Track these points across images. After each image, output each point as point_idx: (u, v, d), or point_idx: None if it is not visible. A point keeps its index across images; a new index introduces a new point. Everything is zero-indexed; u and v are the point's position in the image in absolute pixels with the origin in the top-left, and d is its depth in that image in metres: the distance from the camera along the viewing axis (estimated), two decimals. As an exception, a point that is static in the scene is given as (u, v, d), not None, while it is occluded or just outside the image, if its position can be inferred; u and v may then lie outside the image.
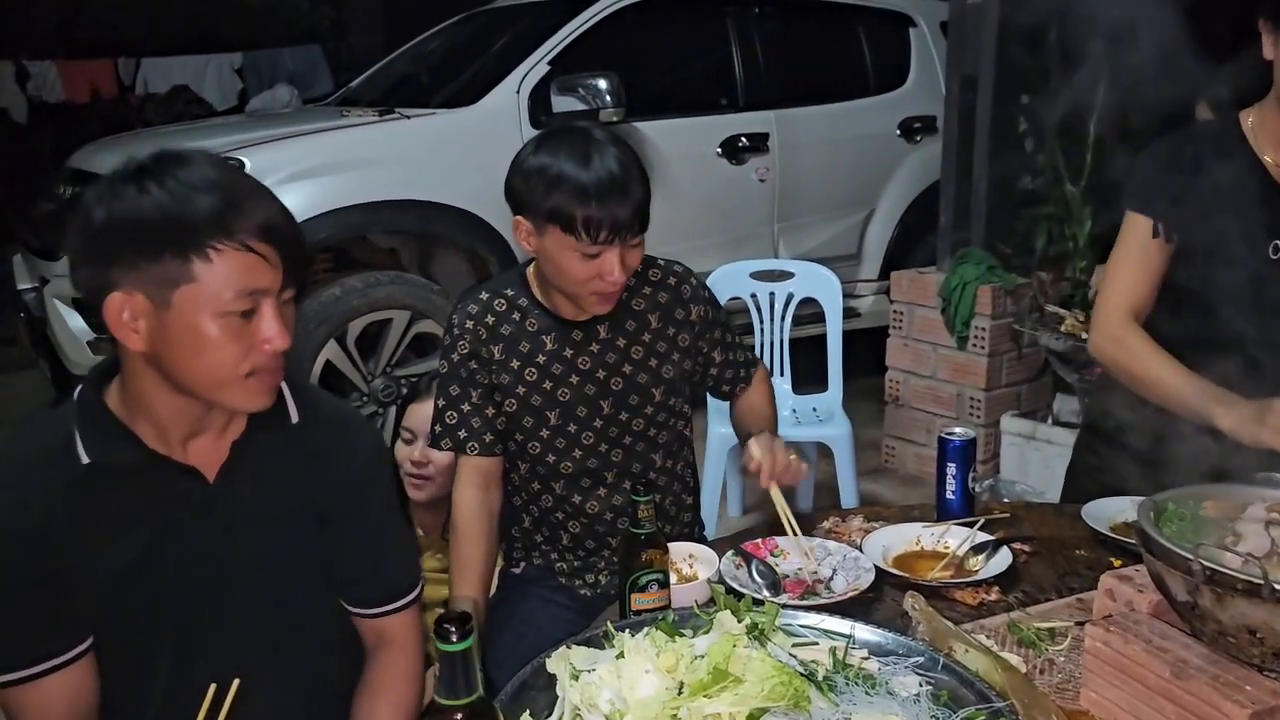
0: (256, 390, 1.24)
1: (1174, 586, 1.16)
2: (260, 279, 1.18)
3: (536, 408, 1.82)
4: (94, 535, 1.24)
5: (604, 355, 1.83)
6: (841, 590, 1.56)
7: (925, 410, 4.13)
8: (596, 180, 1.62)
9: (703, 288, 1.93)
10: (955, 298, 3.88)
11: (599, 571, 1.92)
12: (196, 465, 1.29)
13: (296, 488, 1.36)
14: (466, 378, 1.82)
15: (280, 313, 1.21)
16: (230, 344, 1.19)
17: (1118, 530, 1.71)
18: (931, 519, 1.81)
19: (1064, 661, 1.36)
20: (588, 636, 1.25)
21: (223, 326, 1.18)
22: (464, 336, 1.82)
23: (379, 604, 1.43)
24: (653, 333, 1.86)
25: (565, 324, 1.81)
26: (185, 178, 1.17)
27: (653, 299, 1.86)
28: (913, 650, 1.24)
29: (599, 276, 1.68)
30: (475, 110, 4.05)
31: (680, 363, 1.88)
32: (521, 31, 4.52)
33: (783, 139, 4.64)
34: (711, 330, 1.93)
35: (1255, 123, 1.78)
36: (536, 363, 1.82)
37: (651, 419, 1.87)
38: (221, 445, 1.31)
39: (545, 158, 1.67)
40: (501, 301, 1.83)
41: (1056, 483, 3.63)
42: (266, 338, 1.20)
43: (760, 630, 1.20)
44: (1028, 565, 1.65)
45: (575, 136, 1.69)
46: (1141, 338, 1.81)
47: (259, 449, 1.33)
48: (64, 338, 3.91)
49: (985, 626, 1.45)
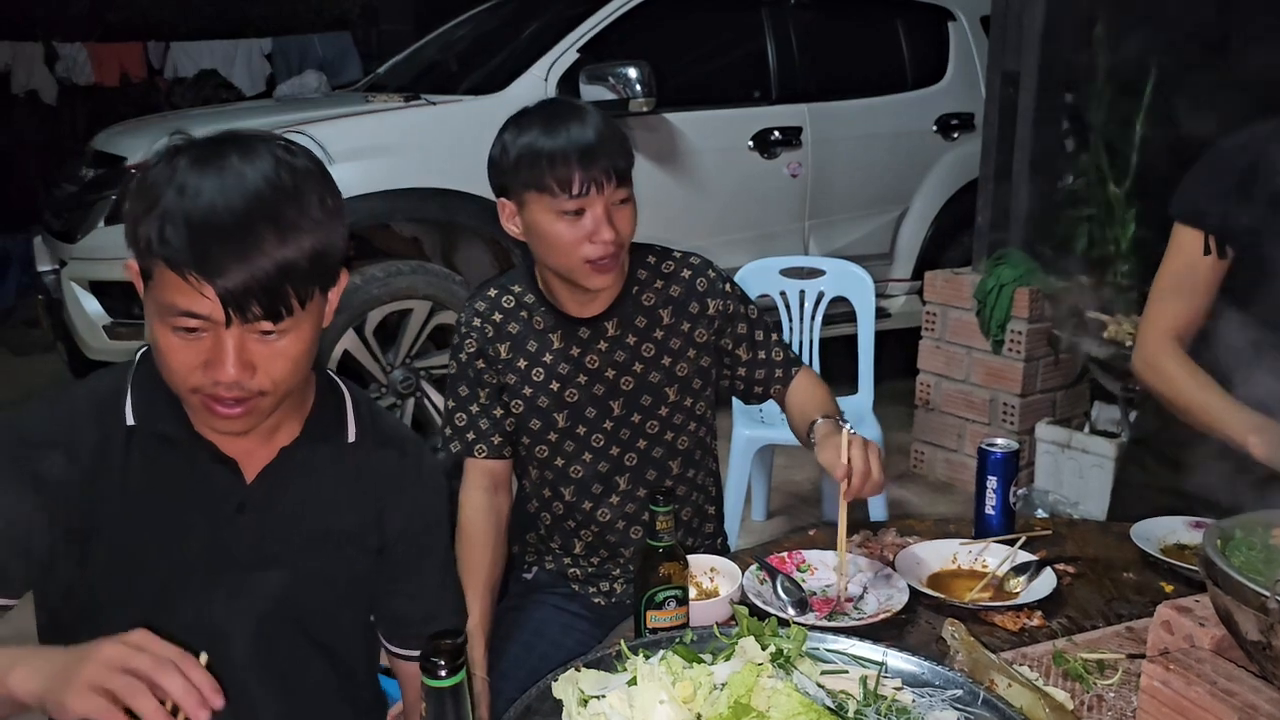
0: (207, 412, 1.15)
1: (1244, 624, 1.06)
2: (188, 303, 1.08)
3: (544, 409, 1.74)
4: (130, 498, 1.20)
5: (612, 353, 1.74)
6: (873, 611, 1.46)
7: (957, 415, 4.01)
8: (562, 132, 1.59)
9: (722, 280, 1.80)
10: (991, 300, 3.77)
11: (613, 579, 1.83)
12: (238, 459, 1.24)
13: (341, 508, 1.30)
14: (474, 377, 1.75)
15: (242, 344, 1.11)
16: (176, 356, 1.11)
17: (1168, 552, 1.61)
18: (967, 534, 1.71)
19: (1114, 699, 1.26)
20: (599, 657, 1.16)
21: (169, 337, 1.11)
22: (472, 334, 1.75)
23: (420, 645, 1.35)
24: (665, 329, 1.76)
25: (571, 321, 1.73)
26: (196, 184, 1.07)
27: (664, 293, 1.76)
28: (950, 682, 1.15)
29: (589, 239, 1.60)
30: (502, 97, 3.96)
31: (697, 360, 1.78)
32: (551, 19, 4.44)
33: (816, 133, 4.54)
34: (734, 325, 1.79)
35: None
36: (543, 362, 1.73)
37: (667, 421, 1.77)
38: (270, 447, 1.26)
39: (512, 130, 1.65)
40: (510, 298, 1.75)
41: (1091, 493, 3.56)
42: (212, 364, 1.11)
43: (786, 658, 1.11)
44: (1072, 588, 1.55)
45: (540, 106, 1.68)
46: (1178, 362, 1.72)
47: (307, 458, 1.27)
48: (80, 321, 3.85)
49: (1028, 656, 1.35)
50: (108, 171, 3.97)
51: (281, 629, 1.28)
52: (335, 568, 1.30)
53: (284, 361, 1.14)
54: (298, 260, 1.09)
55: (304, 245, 1.10)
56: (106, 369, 1.28)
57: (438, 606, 1.38)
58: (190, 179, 1.07)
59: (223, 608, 1.25)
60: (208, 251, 1.05)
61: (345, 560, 1.31)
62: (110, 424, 1.22)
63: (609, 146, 1.60)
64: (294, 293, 1.10)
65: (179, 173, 1.08)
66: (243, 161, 1.09)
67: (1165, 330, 1.75)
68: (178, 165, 1.09)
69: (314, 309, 1.15)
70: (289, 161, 1.12)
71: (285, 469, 1.26)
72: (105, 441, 1.21)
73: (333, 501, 1.30)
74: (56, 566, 1.21)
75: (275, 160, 1.11)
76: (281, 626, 1.28)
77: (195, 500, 1.23)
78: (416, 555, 1.36)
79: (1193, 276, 1.74)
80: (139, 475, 1.21)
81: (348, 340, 3.71)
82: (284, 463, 1.26)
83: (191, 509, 1.23)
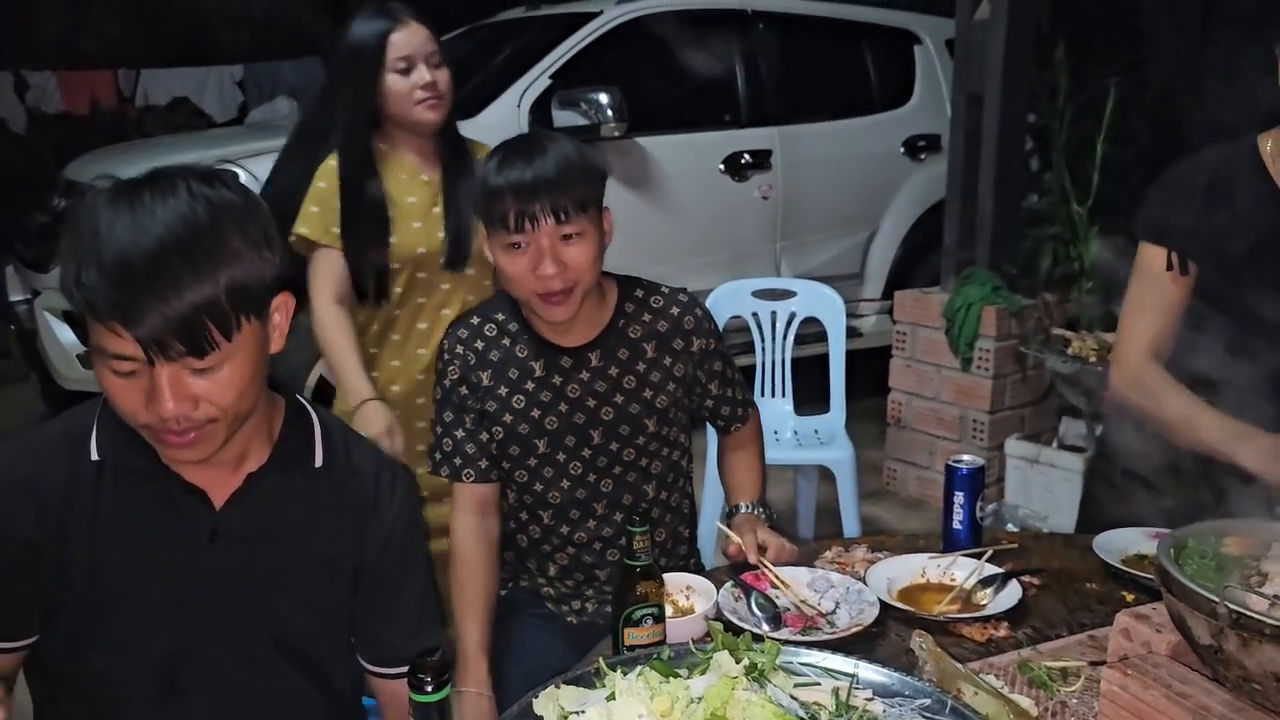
0: (161, 444, 1.17)
1: (1197, 629, 1.10)
2: (116, 346, 1.09)
3: (524, 435, 1.77)
4: (101, 532, 1.22)
5: (594, 383, 1.77)
6: (845, 625, 1.50)
7: (928, 432, 4.07)
8: (512, 167, 1.62)
9: (707, 318, 1.85)
10: (959, 319, 3.83)
11: (586, 599, 1.86)
12: (206, 489, 1.25)
13: (315, 532, 1.31)
14: (459, 404, 1.78)
15: (176, 379, 1.11)
16: (118, 396, 1.13)
17: (1130, 563, 1.65)
18: (936, 548, 1.75)
19: (1077, 704, 1.30)
20: (578, 674, 1.19)
21: (110, 378, 1.13)
22: (454, 361, 1.78)
23: (401, 664, 1.37)
24: (647, 361, 1.79)
25: (555, 350, 1.76)
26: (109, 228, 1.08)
27: (651, 327, 1.79)
28: (920, 691, 1.18)
29: (533, 273, 1.63)
30: (475, 124, 3.99)
31: (674, 392, 1.82)
32: (523, 45, 4.49)
33: (786, 156, 4.60)
34: (711, 362, 1.86)
35: (1274, 148, 1.71)
36: (525, 389, 1.76)
37: (644, 449, 1.81)
38: (238, 475, 1.27)
39: (488, 165, 1.68)
40: (492, 326, 1.78)
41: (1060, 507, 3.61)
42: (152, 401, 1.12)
43: (760, 671, 1.14)
44: (1037, 599, 1.59)
45: (511, 140, 1.71)
46: (1160, 378, 1.75)
47: (276, 484, 1.29)
48: (53, 351, 3.85)
49: (994, 665, 1.39)
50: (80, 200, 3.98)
51: (262, 653, 1.30)
52: (311, 591, 1.32)
53: (226, 390, 1.14)
54: (214, 296, 1.09)
55: (220, 281, 1.09)
56: (80, 405, 1.30)
57: (418, 626, 1.40)
58: (104, 223, 1.08)
59: (202, 635, 1.26)
60: (121, 297, 1.06)
61: (321, 583, 1.32)
62: (80, 460, 1.23)
63: (558, 182, 1.61)
64: (216, 327, 1.10)
65: (97, 217, 1.09)
66: (156, 200, 1.09)
67: (1142, 348, 1.78)
68: (97, 209, 1.10)
69: (248, 338, 1.15)
70: (206, 195, 1.12)
71: (254, 495, 1.28)
72: (75, 478, 1.23)
73: (305, 525, 1.31)
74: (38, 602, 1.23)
75: (191, 195, 1.11)
76: (262, 651, 1.30)
77: (167, 531, 1.25)
78: (395, 577, 1.38)
79: (1160, 294, 1.77)
80: (109, 509, 1.23)
81: (322, 366, 3.71)
82: (252, 489, 1.27)
83: (164, 540, 1.25)
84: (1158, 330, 1.77)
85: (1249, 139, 1.76)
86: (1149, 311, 1.79)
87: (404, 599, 1.39)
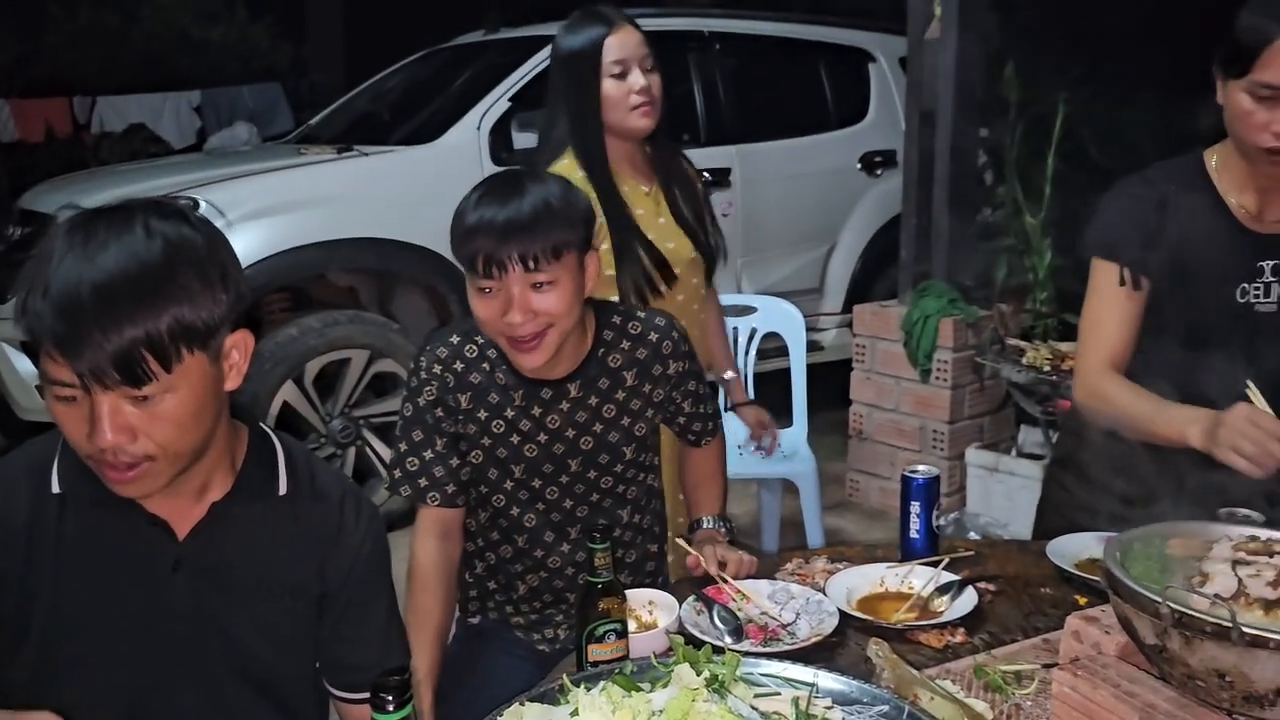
0: (105, 477, 1.16)
1: (1142, 629, 1.14)
2: (56, 373, 1.11)
3: (501, 460, 1.75)
4: (65, 564, 1.21)
5: (574, 414, 1.75)
6: (805, 635, 1.52)
7: (889, 444, 4.12)
8: (484, 210, 1.59)
9: (684, 340, 1.83)
10: (917, 331, 3.88)
11: (557, 625, 1.86)
12: (167, 519, 1.25)
13: (279, 560, 1.31)
14: (432, 424, 1.73)
15: (116, 409, 1.11)
16: (64, 424, 1.15)
17: (1083, 567, 1.69)
18: (894, 558, 1.78)
19: (1031, 706, 1.33)
20: (542, 691, 1.20)
21: (56, 405, 1.14)
22: (432, 381, 1.73)
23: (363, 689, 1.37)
24: (627, 390, 1.78)
25: (534, 382, 1.72)
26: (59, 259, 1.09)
27: (631, 355, 1.78)
28: (878, 698, 1.20)
29: (502, 318, 1.60)
30: (435, 147, 4.02)
31: (653, 418, 1.83)
32: (482, 69, 4.51)
33: (745, 174, 4.65)
34: (686, 382, 1.86)
35: (1219, 163, 1.76)
36: (504, 416, 1.73)
37: (621, 476, 1.81)
38: (201, 505, 1.27)
39: (464, 201, 1.64)
40: (473, 347, 1.74)
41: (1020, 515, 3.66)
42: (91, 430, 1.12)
43: (720, 682, 1.16)
44: (993, 605, 1.63)
45: (490, 179, 1.67)
46: (1117, 383, 1.77)
47: (240, 513, 1.29)
48: (11, 381, 3.81)
49: (951, 671, 1.42)
50: (36, 230, 3.95)
51: (228, 681, 1.30)
52: (276, 619, 1.32)
53: (166, 425, 1.14)
54: (154, 330, 1.09)
55: (163, 316, 1.10)
56: (42, 436, 1.29)
57: (383, 651, 1.40)
58: (58, 253, 1.10)
59: (166, 665, 1.26)
60: (61, 325, 1.07)
61: (286, 611, 1.33)
62: (42, 492, 1.24)
63: (530, 228, 1.56)
64: (154, 359, 1.10)
65: (52, 247, 1.11)
66: (110, 234, 1.11)
67: (1099, 362, 1.81)
68: (55, 239, 1.12)
69: (191, 372, 1.14)
70: (164, 231, 1.12)
71: (218, 525, 1.27)
72: (38, 510, 1.23)
73: (270, 554, 1.31)
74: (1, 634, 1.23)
75: (147, 232, 1.12)
76: (228, 679, 1.30)
77: (130, 562, 1.25)
78: (359, 603, 1.38)
79: (1115, 309, 1.81)
80: (72, 541, 1.23)
81: (286, 391, 3.70)
82: (216, 519, 1.27)
83: (127, 571, 1.25)
84: (1114, 343, 1.81)
85: (1195, 154, 1.80)
86: (1104, 326, 1.82)
87: (369, 625, 1.40)
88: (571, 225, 1.61)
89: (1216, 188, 1.76)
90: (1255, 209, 1.73)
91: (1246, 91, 1.60)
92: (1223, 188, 1.75)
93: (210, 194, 3.62)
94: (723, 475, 2.00)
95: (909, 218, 4.10)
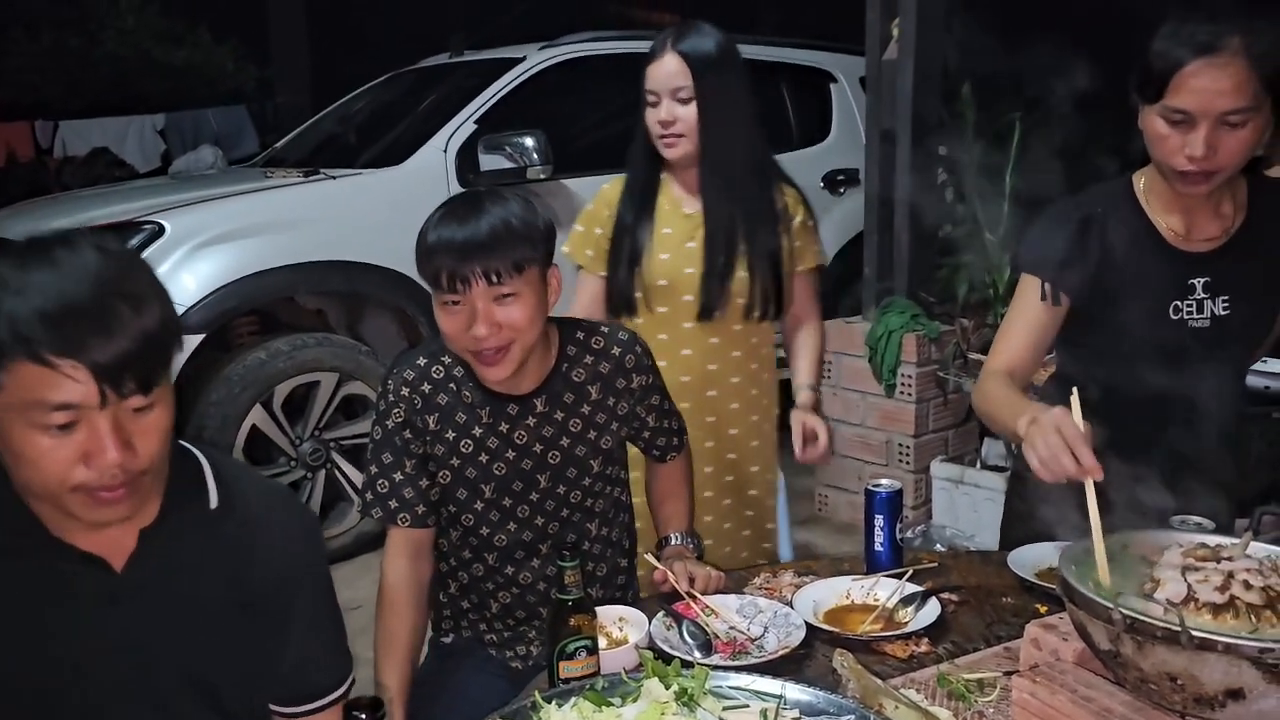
0: (93, 504, 1.14)
1: (1097, 635, 1.17)
2: (65, 394, 1.07)
3: (471, 480, 1.77)
4: None
5: (540, 429, 1.78)
6: (773, 648, 1.55)
7: (857, 458, 4.16)
8: (445, 227, 1.63)
9: (646, 354, 1.87)
10: (881, 346, 3.94)
11: (530, 642, 1.87)
12: (102, 554, 1.23)
13: (216, 576, 1.29)
14: (401, 446, 1.75)
15: (118, 425, 1.11)
16: (49, 459, 1.10)
17: (1043, 577, 1.73)
18: (861, 571, 1.81)
19: (994, 714, 1.36)
20: (514, 709, 1.22)
21: (39, 440, 1.09)
22: (399, 404, 1.75)
23: (299, 702, 1.38)
24: (592, 404, 1.81)
25: (500, 398, 1.75)
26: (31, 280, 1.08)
27: (594, 369, 1.81)
28: (844, 709, 1.23)
29: (467, 331, 1.64)
30: (402, 170, 4.04)
31: (618, 431, 1.86)
32: (448, 91, 4.53)
33: (709, 193, 4.68)
34: (650, 396, 1.89)
35: (1146, 185, 1.82)
36: (472, 435, 1.76)
37: (589, 490, 1.84)
38: (131, 534, 1.24)
39: (428, 220, 1.68)
40: (439, 368, 1.77)
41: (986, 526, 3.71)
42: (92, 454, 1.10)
43: (689, 695, 1.19)
44: (956, 615, 1.66)
45: (453, 199, 1.71)
46: (996, 382, 1.80)
47: (172, 535, 1.26)
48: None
49: (915, 680, 1.45)
50: (-1, 257, 3.92)
51: (181, 708, 1.29)
52: (220, 637, 1.30)
53: (156, 436, 1.15)
54: (153, 328, 1.11)
55: (155, 314, 1.12)
56: None
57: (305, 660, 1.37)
58: (23, 279, 1.09)
59: (117, 699, 1.25)
60: (69, 333, 1.06)
61: (228, 627, 1.31)
62: None
63: (491, 244, 1.60)
64: (158, 360, 1.12)
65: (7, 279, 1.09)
66: (69, 252, 1.11)
67: (997, 366, 1.85)
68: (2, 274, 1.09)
69: (168, 379, 1.16)
70: (108, 249, 1.15)
71: (152, 551, 1.25)
72: None
73: (207, 570, 1.29)
74: None
75: (96, 248, 1.13)
76: (181, 705, 1.29)
77: (63, 604, 1.22)
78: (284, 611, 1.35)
79: (1029, 320, 1.86)
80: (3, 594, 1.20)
81: (255, 415, 3.69)
82: (148, 545, 1.25)
83: (60, 614, 1.22)
84: (1017, 351, 1.85)
85: (1125, 177, 1.86)
86: (1013, 336, 1.87)
87: (303, 636, 1.37)
88: (531, 242, 1.65)
89: (1145, 210, 1.81)
90: (1183, 229, 1.79)
91: (1160, 116, 1.65)
92: (1151, 210, 1.81)
93: (176, 218, 3.61)
94: (689, 491, 2.02)
95: (871, 235, 4.16)
